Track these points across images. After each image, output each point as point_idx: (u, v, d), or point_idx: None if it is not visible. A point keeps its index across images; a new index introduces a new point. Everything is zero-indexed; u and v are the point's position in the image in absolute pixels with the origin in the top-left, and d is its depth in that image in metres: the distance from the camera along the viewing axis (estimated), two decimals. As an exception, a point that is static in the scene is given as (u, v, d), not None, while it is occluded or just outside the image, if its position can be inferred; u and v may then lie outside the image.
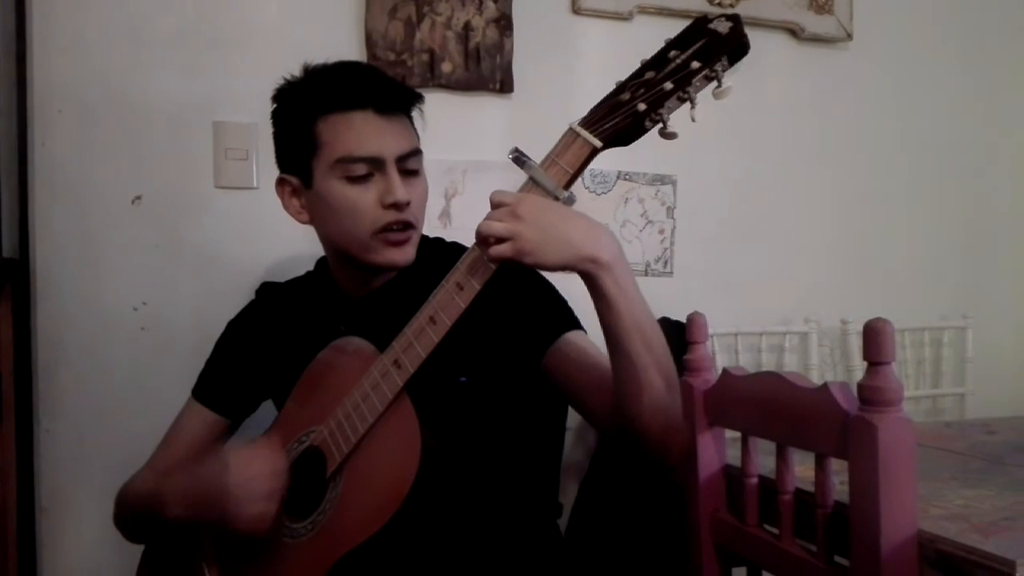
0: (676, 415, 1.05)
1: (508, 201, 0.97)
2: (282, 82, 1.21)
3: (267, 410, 1.31)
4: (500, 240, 0.95)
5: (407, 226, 1.16)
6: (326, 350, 1.16)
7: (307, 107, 1.16)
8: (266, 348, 1.30)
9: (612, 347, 1.02)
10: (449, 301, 0.99)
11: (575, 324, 1.18)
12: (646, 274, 1.98)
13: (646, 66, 0.95)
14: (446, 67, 1.80)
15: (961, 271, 2.24)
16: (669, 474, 1.14)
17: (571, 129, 0.97)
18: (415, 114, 1.22)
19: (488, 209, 0.99)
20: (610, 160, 1.12)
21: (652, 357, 1.01)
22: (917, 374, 2.11)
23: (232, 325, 1.36)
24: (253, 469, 1.07)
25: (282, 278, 1.38)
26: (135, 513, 1.25)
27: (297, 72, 1.20)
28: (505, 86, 1.84)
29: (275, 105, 1.21)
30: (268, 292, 1.37)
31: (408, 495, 0.97)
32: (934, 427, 1.49)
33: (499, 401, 1.19)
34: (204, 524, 1.11)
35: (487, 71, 1.83)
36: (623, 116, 0.94)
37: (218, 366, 1.34)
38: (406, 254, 1.17)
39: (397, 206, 1.13)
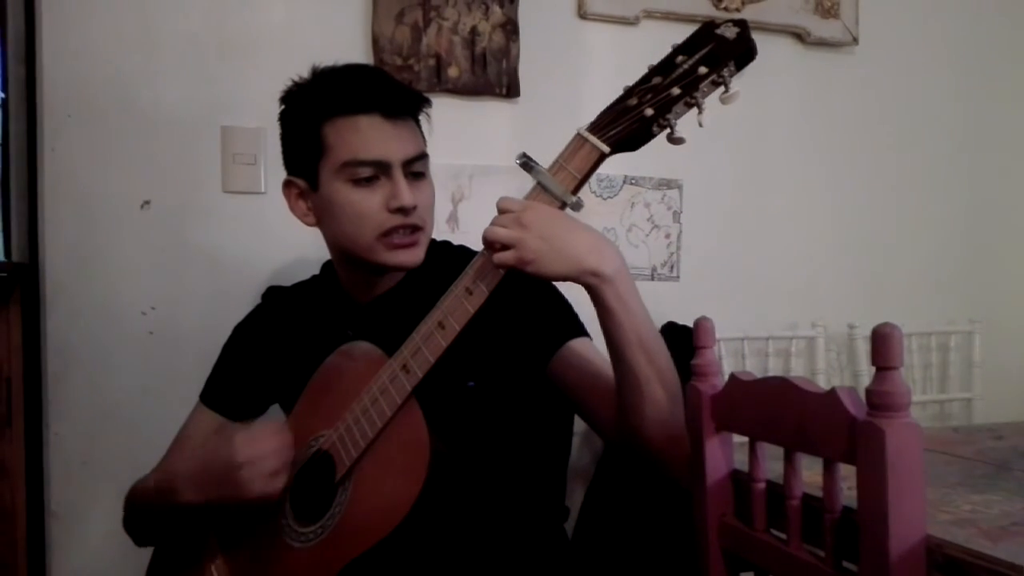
0: (679, 427, 1.05)
1: (514, 208, 0.97)
2: (290, 84, 1.21)
3: (275, 414, 1.32)
4: (505, 247, 0.96)
5: (414, 229, 1.16)
6: (334, 355, 1.16)
7: (314, 110, 1.16)
8: (273, 352, 1.30)
9: (615, 359, 1.03)
10: (458, 306, 0.99)
11: (581, 331, 1.18)
12: (652, 278, 1.98)
13: (653, 71, 0.96)
14: (452, 72, 1.81)
15: (968, 275, 2.24)
16: (675, 483, 1.14)
17: (579, 134, 0.97)
18: (422, 118, 1.22)
19: (494, 213, 1.00)
20: (616, 165, 1.12)
21: (654, 369, 1.02)
22: (924, 379, 2.11)
23: (239, 329, 1.36)
24: (259, 446, 1.07)
25: (290, 282, 1.39)
26: (146, 508, 1.24)
27: (305, 75, 1.21)
28: (511, 91, 1.85)
29: (283, 107, 1.22)
30: (274, 296, 1.37)
31: (416, 500, 0.97)
32: (941, 432, 1.49)
33: (507, 406, 1.19)
34: (217, 504, 1.11)
35: (493, 76, 1.83)
36: (630, 121, 0.95)
37: (225, 370, 1.34)
38: (415, 255, 1.17)
39: (403, 210, 1.13)
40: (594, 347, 1.17)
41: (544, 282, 1.17)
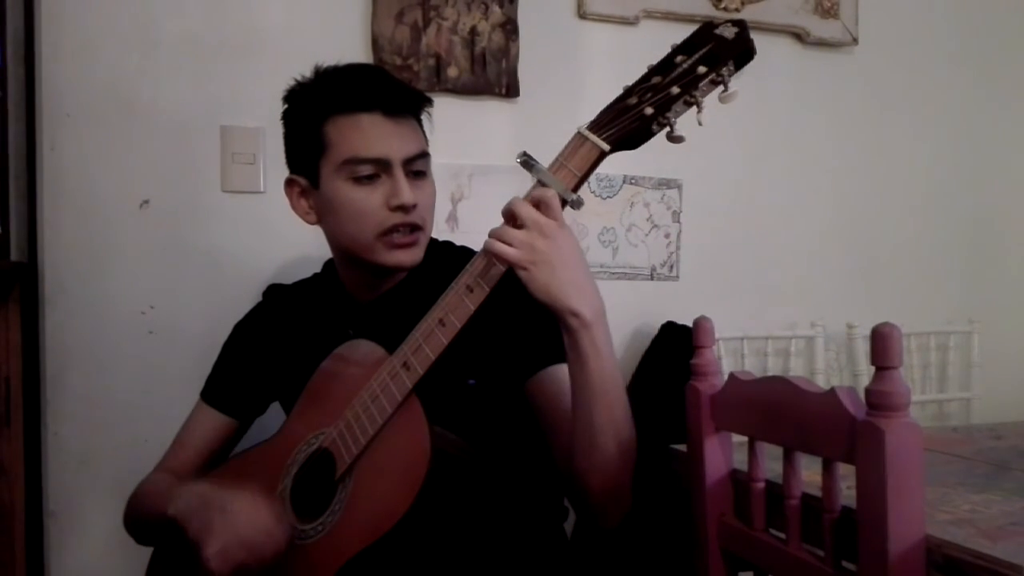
0: (622, 484, 1.05)
1: (555, 217, 0.95)
2: (292, 83, 1.21)
3: (276, 411, 1.32)
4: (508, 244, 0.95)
5: (414, 228, 1.16)
6: (334, 353, 1.15)
7: (316, 108, 1.16)
8: (274, 349, 1.30)
9: (575, 402, 1.02)
10: (459, 303, 0.99)
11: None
12: (652, 278, 1.99)
13: (653, 71, 0.96)
14: (452, 72, 1.81)
15: (967, 275, 2.24)
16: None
17: (579, 133, 0.97)
18: (423, 117, 1.22)
19: (494, 212, 0.99)
20: (616, 164, 1.12)
21: (611, 421, 1.01)
22: (923, 378, 2.11)
23: (239, 327, 1.36)
24: (246, 531, 1.01)
25: (289, 281, 1.39)
26: (144, 510, 1.24)
27: (306, 74, 1.21)
28: (511, 91, 1.85)
29: (285, 106, 1.22)
30: (275, 294, 1.37)
31: (416, 498, 0.97)
32: (940, 432, 1.49)
33: (507, 404, 1.19)
34: (185, 534, 1.07)
35: (493, 76, 1.83)
36: (630, 120, 0.95)
37: (226, 368, 1.34)
38: (413, 255, 1.17)
39: (403, 208, 1.13)
40: None
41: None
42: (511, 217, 0.97)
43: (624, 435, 1.03)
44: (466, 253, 1.23)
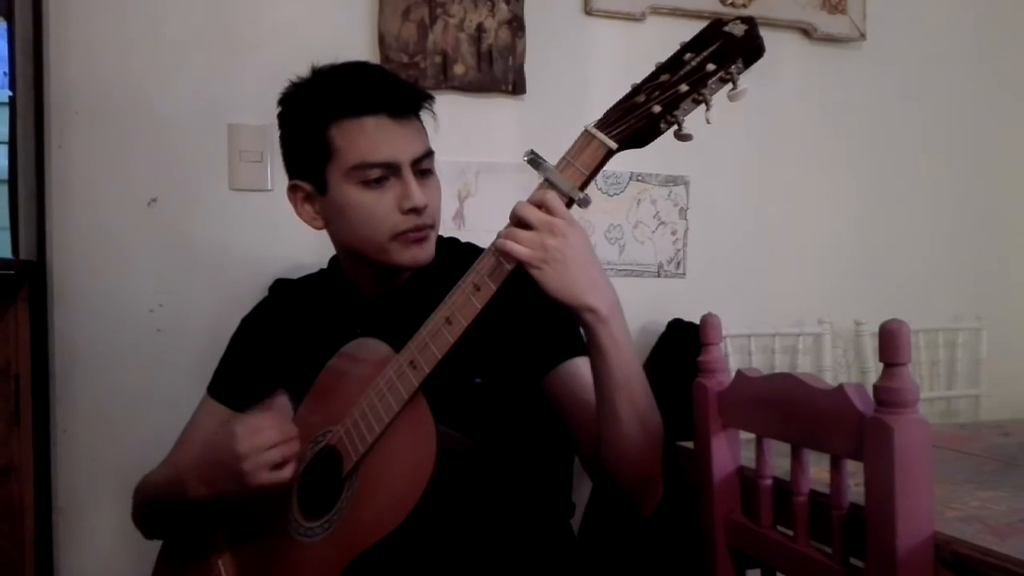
0: (653, 470, 1.07)
1: (561, 215, 0.96)
2: (288, 85, 1.20)
3: (282, 409, 1.32)
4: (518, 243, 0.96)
5: (425, 226, 1.16)
6: (341, 351, 1.16)
7: (318, 112, 1.15)
8: (281, 345, 1.30)
9: (599, 395, 1.03)
10: (466, 302, 0.99)
11: (583, 350, 1.15)
12: (659, 275, 1.98)
13: (661, 69, 0.96)
14: (459, 69, 1.81)
15: (975, 272, 2.23)
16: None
17: (586, 131, 0.97)
18: (425, 113, 1.21)
19: (501, 210, 1.00)
20: (623, 161, 1.12)
21: (635, 411, 1.02)
22: (931, 375, 2.10)
23: (246, 322, 1.36)
24: (261, 438, 1.05)
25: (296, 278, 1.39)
26: (155, 502, 1.24)
27: (304, 75, 1.19)
28: (517, 88, 1.84)
29: (282, 109, 1.21)
30: (282, 289, 1.38)
31: (423, 495, 0.98)
32: (949, 429, 1.49)
33: (513, 402, 1.19)
34: (226, 497, 1.10)
35: (499, 73, 1.83)
36: (638, 118, 0.95)
37: (233, 363, 1.34)
38: (427, 251, 1.17)
39: (416, 210, 1.13)
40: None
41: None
42: (519, 220, 0.97)
43: (650, 424, 1.04)
44: (471, 249, 1.23)
